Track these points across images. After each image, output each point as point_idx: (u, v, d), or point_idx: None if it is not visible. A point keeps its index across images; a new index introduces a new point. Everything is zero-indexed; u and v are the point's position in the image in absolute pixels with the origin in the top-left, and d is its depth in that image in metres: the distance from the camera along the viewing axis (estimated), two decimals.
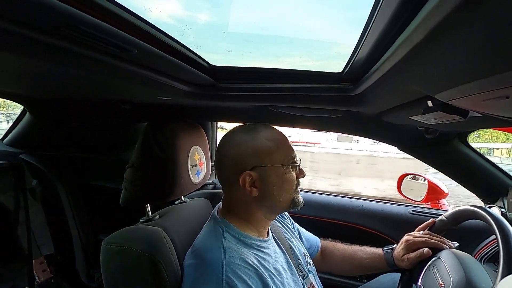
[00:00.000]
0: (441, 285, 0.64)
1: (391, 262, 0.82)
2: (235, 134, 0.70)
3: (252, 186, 0.65)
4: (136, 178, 0.77)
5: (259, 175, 0.65)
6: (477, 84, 0.36)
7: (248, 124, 0.72)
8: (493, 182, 1.04)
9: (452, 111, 0.52)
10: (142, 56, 0.50)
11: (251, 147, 0.66)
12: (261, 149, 0.66)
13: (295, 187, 0.69)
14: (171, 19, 0.51)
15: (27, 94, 1.03)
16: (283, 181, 0.67)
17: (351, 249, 0.91)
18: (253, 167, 0.64)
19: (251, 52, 0.66)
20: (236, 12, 0.54)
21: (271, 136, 0.68)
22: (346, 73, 0.63)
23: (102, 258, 0.64)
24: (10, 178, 1.22)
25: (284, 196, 0.68)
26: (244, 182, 0.64)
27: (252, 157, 0.65)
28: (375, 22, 0.39)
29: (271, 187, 0.66)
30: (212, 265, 0.57)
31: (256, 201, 0.67)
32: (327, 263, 0.92)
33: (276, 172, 0.66)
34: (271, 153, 0.66)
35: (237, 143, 0.68)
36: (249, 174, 0.64)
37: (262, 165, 0.65)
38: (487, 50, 0.29)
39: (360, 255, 0.88)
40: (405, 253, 0.79)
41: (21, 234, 1.22)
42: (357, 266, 0.88)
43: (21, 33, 0.35)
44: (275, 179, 0.66)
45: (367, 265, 0.86)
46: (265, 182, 0.65)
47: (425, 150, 1.06)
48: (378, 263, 0.85)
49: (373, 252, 0.87)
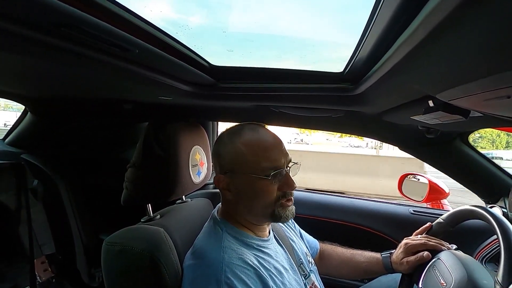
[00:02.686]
0: (443, 284, 0.64)
1: (388, 266, 0.82)
2: (221, 135, 0.72)
3: (227, 190, 0.65)
4: (137, 177, 0.77)
5: (231, 180, 0.65)
6: (478, 84, 0.36)
7: (237, 125, 0.73)
8: (495, 182, 1.04)
9: (453, 111, 0.52)
10: (143, 56, 0.50)
11: (227, 151, 0.67)
12: (235, 154, 0.65)
13: (274, 199, 0.63)
14: (172, 19, 0.51)
15: (28, 94, 1.04)
16: (255, 191, 0.63)
17: (349, 253, 0.91)
18: (226, 172, 0.65)
19: (252, 52, 0.66)
20: (236, 12, 0.54)
21: (252, 142, 0.65)
22: (347, 72, 0.63)
23: (103, 257, 0.64)
24: (11, 177, 1.23)
25: (257, 207, 0.64)
26: (218, 183, 0.66)
27: (228, 160, 0.66)
28: (376, 22, 0.39)
29: (242, 195, 0.65)
30: (211, 266, 0.57)
31: (237, 204, 0.67)
32: (325, 266, 0.92)
33: (248, 181, 0.63)
34: (245, 161, 0.63)
35: (222, 143, 0.70)
36: (222, 177, 0.65)
37: (233, 171, 0.64)
38: (488, 49, 0.29)
39: (358, 259, 0.88)
40: (404, 257, 0.78)
41: (22, 233, 1.22)
42: (355, 269, 0.88)
43: (22, 33, 0.35)
44: (246, 188, 0.64)
45: (365, 268, 0.86)
46: (237, 189, 0.65)
47: (426, 150, 1.06)
48: (375, 267, 0.85)
49: (371, 256, 0.87)
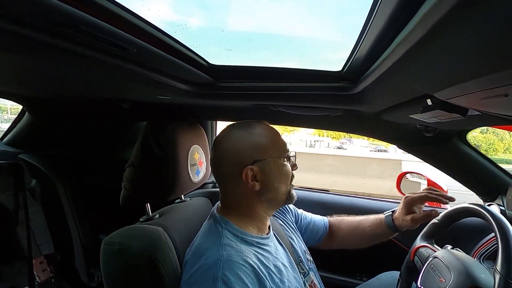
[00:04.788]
0: (442, 280, 0.64)
1: (391, 224, 0.82)
2: (231, 132, 0.71)
3: (254, 180, 0.66)
4: (136, 177, 0.77)
5: (260, 169, 0.67)
6: (476, 82, 0.36)
7: (241, 122, 0.73)
8: (492, 180, 1.04)
9: (451, 109, 0.52)
10: (141, 55, 0.50)
11: (250, 142, 0.68)
12: (260, 143, 0.68)
13: (290, 179, 0.72)
14: (170, 18, 0.51)
15: (26, 94, 1.03)
16: (282, 173, 0.70)
17: (356, 221, 0.91)
18: (254, 161, 0.66)
19: (250, 51, 0.66)
20: (235, 11, 0.54)
21: (266, 131, 0.71)
22: (345, 71, 0.63)
23: (102, 257, 0.64)
24: (9, 177, 1.22)
25: (282, 188, 0.70)
26: (247, 177, 0.66)
27: (252, 151, 0.67)
28: (374, 21, 0.39)
29: (272, 179, 0.68)
30: (209, 262, 0.57)
31: (257, 195, 0.68)
32: (336, 239, 0.93)
33: (276, 165, 0.69)
34: (269, 147, 0.69)
35: (235, 139, 0.69)
36: (250, 169, 0.66)
37: (262, 159, 0.67)
38: (486, 48, 0.29)
39: (364, 224, 0.88)
40: (407, 212, 0.78)
41: (20, 233, 1.22)
42: (362, 236, 0.88)
43: (19, 33, 0.35)
44: (275, 172, 0.69)
45: (370, 233, 0.86)
46: (266, 175, 0.67)
47: (424, 148, 1.06)
48: (379, 229, 0.85)
49: (375, 218, 0.87)
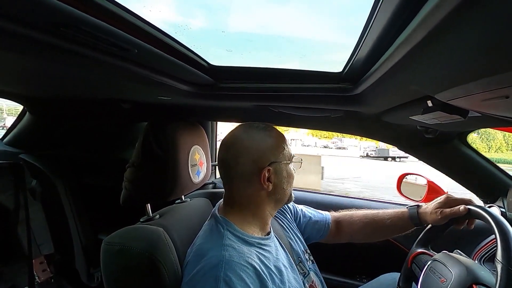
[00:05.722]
0: (443, 280, 0.64)
1: (415, 216, 0.82)
2: (249, 132, 0.71)
3: (268, 181, 0.68)
4: (136, 177, 0.77)
5: (274, 170, 0.68)
6: (477, 84, 0.36)
7: (253, 123, 0.74)
8: (493, 181, 1.04)
9: (452, 111, 0.52)
10: (142, 56, 0.50)
11: (269, 144, 0.70)
12: (276, 145, 0.71)
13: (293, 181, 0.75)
14: (170, 18, 0.51)
15: (27, 94, 1.03)
16: (290, 175, 0.73)
17: (371, 214, 0.92)
18: (270, 163, 0.68)
19: (251, 52, 0.66)
20: (235, 12, 0.54)
21: (279, 135, 0.74)
22: (346, 73, 0.63)
23: (102, 257, 0.64)
24: (10, 177, 1.23)
25: (289, 189, 0.74)
26: (264, 178, 0.67)
27: (270, 153, 0.69)
28: (375, 22, 0.39)
29: (282, 181, 0.71)
30: (211, 263, 0.57)
31: (267, 195, 0.70)
32: (345, 232, 0.93)
33: (286, 167, 0.72)
34: (283, 150, 0.72)
35: (255, 140, 0.70)
36: (268, 169, 0.67)
37: (277, 161, 0.69)
38: (487, 49, 0.29)
39: (381, 216, 0.89)
40: (439, 207, 0.77)
41: (21, 233, 1.22)
42: (379, 227, 0.88)
43: (20, 33, 0.35)
44: (286, 174, 0.72)
45: (389, 224, 0.86)
46: (278, 177, 0.70)
47: (425, 150, 1.06)
48: (400, 221, 0.85)
49: (394, 211, 0.88)
